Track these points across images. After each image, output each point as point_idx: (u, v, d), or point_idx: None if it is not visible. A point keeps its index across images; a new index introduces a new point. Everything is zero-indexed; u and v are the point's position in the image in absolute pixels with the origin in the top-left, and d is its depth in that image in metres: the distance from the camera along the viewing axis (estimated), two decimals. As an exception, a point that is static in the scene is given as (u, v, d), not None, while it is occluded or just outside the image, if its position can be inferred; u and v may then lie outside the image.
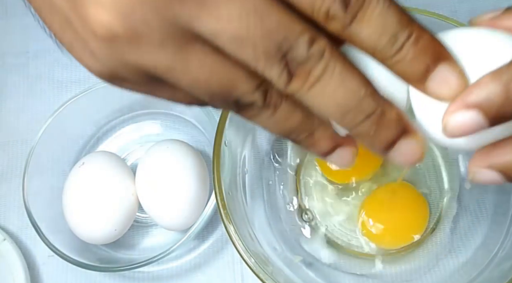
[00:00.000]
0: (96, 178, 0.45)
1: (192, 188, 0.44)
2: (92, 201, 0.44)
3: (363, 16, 0.20)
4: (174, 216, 0.44)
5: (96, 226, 0.44)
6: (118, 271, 0.45)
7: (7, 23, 0.56)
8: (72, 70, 0.54)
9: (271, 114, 0.22)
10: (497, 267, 0.38)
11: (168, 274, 0.46)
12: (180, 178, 0.44)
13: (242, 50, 0.20)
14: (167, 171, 0.44)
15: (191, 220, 0.44)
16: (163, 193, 0.44)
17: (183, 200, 0.44)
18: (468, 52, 0.22)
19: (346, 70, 0.21)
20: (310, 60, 0.20)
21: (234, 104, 0.22)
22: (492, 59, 0.22)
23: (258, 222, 0.41)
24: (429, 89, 0.22)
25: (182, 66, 0.21)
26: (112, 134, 0.51)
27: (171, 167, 0.44)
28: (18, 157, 0.51)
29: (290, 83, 0.21)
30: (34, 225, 0.44)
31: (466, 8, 0.52)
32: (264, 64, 0.20)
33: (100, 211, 0.44)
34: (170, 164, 0.45)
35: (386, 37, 0.21)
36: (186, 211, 0.44)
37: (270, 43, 0.20)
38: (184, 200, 0.44)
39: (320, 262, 0.44)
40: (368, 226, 0.44)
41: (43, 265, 0.47)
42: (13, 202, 0.49)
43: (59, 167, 0.49)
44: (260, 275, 0.36)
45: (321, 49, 0.20)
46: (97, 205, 0.44)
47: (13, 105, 0.53)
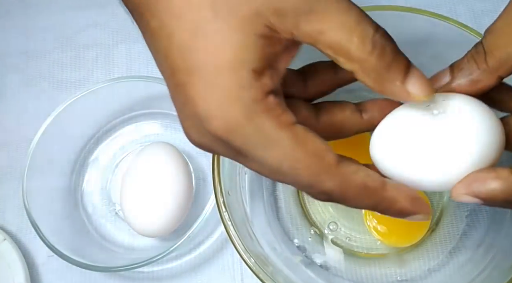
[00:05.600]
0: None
1: (170, 195, 0.44)
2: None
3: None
4: (147, 222, 0.44)
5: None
6: (118, 271, 0.45)
7: (7, 23, 0.56)
8: (72, 70, 0.54)
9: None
10: (497, 267, 0.38)
11: (168, 274, 0.46)
12: (156, 185, 0.44)
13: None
14: (144, 177, 0.45)
15: (167, 227, 0.44)
16: (139, 198, 0.44)
17: (158, 206, 0.44)
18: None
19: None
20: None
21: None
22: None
23: (258, 222, 0.41)
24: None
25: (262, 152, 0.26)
26: (112, 134, 0.51)
27: (150, 173, 0.45)
28: (18, 157, 0.51)
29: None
30: (34, 225, 0.44)
31: (466, 8, 0.52)
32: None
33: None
34: (150, 170, 0.45)
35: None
36: (161, 218, 0.44)
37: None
38: (160, 206, 0.44)
39: (320, 262, 0.44)
40: (373, 226, 0.44)
41: (43, 265, 0.47)
42: (13, 202, 0.49)
43: (59, 167, 0.49)
44: (260, 275, 0.36)
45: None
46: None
47: (13, 105, 0.53)
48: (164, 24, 0.25)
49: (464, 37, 0.38)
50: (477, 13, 0.52)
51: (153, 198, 0.44)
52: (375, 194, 0.26)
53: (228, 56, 0.24)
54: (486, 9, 0.52)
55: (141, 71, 0.53)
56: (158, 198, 0.44)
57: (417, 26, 0.40)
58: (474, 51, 0.28)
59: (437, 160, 0.27)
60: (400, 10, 0.39)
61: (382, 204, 0.27)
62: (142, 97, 0.50)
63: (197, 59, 0.24)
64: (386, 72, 0.26)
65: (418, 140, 0.27)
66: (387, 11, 0.39)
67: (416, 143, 0.27)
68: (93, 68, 0.54)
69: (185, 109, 0.26)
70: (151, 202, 0.44)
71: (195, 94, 0.25)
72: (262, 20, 0.24)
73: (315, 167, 0.25)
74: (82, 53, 0.54)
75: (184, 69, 0.25)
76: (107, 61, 0.54)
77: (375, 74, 0.26)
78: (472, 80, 0.27)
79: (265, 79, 0.25)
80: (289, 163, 0.25)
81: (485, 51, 0.27)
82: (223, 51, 0.24)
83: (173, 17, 0.25)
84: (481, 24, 0.51)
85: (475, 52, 0.27)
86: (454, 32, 0.38)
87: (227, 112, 0.24)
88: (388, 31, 0.27)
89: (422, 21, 0.39)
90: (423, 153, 0.27)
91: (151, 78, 0.47)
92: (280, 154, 0.25)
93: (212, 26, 0.24)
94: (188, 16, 0.24)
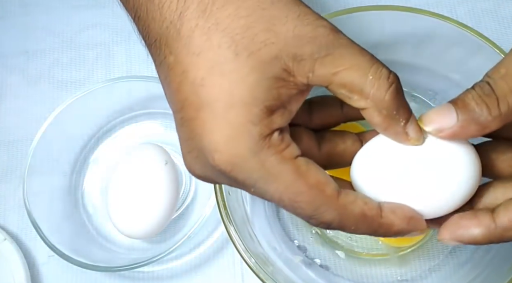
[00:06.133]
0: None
1: (150, 197, 0.44)
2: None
3: None
4: (130, 224, 0.44)
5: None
6: (118, 271, 0.45)
7: (7, 23, 0.56)
8: (72, 70, 0.54)
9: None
10: (496, 267, 0.38)
11: (168, 274, 0.46)
12: (136, 188, 0.44)
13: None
14: (129, 178, 0.45)
15: (150, 229, 0.44)
16: (122, 201, 0.44)
17: (140, 209, 0.44)
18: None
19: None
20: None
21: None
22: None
23: (258, 222, 0.41)
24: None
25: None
26: (112, 134, 0.51)
27: (135, 175, 0.45)
28: (18, 157, 0.51)
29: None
30: (34, 225, 0.44)
31: (466, 8, 0.52)
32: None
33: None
34: (135, 172, 0.45)
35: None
36: (143, 220, 0.44)
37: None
38: (141, 209, 0.44)
39: (320, 262, 0.44)
40: None
41: (43, 265, 0.47)
42: (13, 202, 0.49)
43: (59, 167, 0.49)
44: (260, 275, 0.36)
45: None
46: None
47: (13, 105, 0.53)
48: (181, 60, 0.26)
49: (464, 37, 0.38)
50: (477, 13, 0.52)
51: (134, 200, 0.44)
52: (373, 222, 0.27)
53: (242, 93, 0.25)
54: (486, 9, 0.52)
55: (141, 71, 0.53)
56: (138, 200, 0.44)
57: (417, 26, 0.40)
58: (482, 93, 0.27)
59: (414, 190, 0.28)
60: (400, 10, 0.39)
61: (380, 229, 0.27)
62: (142, 97, 0.50)
63: (210, 94, 0.25)
64: (396, 113, 0.27)
65: (397, 168, 0.28)
66: (387, 11, 0.39)
67: (395, 171, 0.28)
68: (93, 68, 0.54)
69: (189, 143, 0.27)
70: (133, 204, 0.44)
71: (202, 129, 0.25)
72: (280, 64, 0.25)
73: (315, 200, 0.26)
74: (82, 53, 0.54)
75: (195, 104, 0.25)
76: (107, 61, 0.54)
77: (387, 112, 0.27)
78: (480, 125, 0.26)
79: (276, 117, 0.26)
80: (290, 196, 0.26)
81: (497, 97, 0.26)
82: (238, 89, 0.25)
83: (192, 55, 0.25)
84: (481, 24, 0.51)
85: (484, 95, 0.26)
86: (454, 32, 0.38)
87: (233, 147, 0.25)
88: (388, 31, 0.27)
89: (422, 21, 0.39)
90: (402, 182, 0.28)
91: (151, 78, 0.47)
92: (281, 187, 0.25)
93: (230, 65, 0.25)
94: (207, 54, 0.25)
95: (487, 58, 0.38)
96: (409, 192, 0.28)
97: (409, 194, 0.28)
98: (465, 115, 0.26)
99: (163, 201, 0.44)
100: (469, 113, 0.26)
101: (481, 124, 0.26)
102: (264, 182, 0.25)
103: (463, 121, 0.26)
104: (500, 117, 0.26)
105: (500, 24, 0.51)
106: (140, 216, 0.44)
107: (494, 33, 0.50)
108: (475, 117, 0.26)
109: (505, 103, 0.26)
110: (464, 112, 0.26)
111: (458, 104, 0.27)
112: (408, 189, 0.28)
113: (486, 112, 0.26)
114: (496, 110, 0.26)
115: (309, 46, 0.25)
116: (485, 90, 0.26)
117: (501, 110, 0.26)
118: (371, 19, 0.39)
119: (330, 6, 0.52)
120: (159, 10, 0.26)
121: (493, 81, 0.27)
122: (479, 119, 0.26)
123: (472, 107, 0.26)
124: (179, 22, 0.26)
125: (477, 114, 0.26)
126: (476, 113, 0.26)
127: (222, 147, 0.25)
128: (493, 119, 0.26)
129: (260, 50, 0.25)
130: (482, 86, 0.27)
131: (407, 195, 0.28)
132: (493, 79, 0.27)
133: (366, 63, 0.26)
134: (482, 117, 0.26)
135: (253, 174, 0.25)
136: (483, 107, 0.26)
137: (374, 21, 0.40)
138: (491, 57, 0.38)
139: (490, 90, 0.26)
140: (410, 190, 0.28)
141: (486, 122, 0.26)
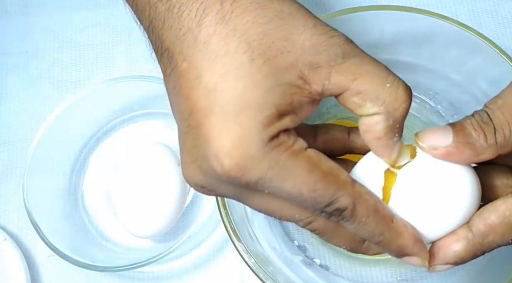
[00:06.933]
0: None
1: (159, 197, 0.44)
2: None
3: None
4: (140, 224, 0.44)
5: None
6: (118, 271, 0.45)
7: (7, 23, 0.56)
8: (72, 70, 0.54)
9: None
10: (497, 267, 0.38)
11: (168, 274, 0.46)
12: (146, 187, 0.45)
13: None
14: (135, 179, 0.45)
15: (158, 228, 0.44)
16: (131, 200, 0.45)
17: (148, 208, 0.44)
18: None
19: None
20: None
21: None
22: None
23: (258, 222, 0.41)
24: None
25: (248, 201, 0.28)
26: (112, 134, 0.51)
27: (143, 175, 0.45)
28: (18, 157, 0.51)
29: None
30: (34, 225, 0.44)
31: (466, 8, 0.52)
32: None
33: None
34: (143, 171, 0.45)
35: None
36: (152, 219, 0.44)
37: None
38: (150, 208, 0.44)
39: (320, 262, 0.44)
40: None
41: (43, 265, 0.47)
42: (13, 202, 0.49)
43: (59, 167, 0.49)
44: (260, 275, 0.36)
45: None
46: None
47: (13, 105, 0.53)
48: (195, 65, 0.26)
49: (464, 37, 0.38)
50: (477, 13, 0.52)
51: (143, 199, 0.44)
52: (384, 221, 0.27)
53: (255, 97, 0.25)
54: (486, 9, 0.52)
55: (141, 71, 0.53)
56: (147, 200, 0.44)
57: (417, 26, 0.40)
58: (480, 121, 0.28)
59: (415, 210, 0.28)
60: (400, 10, 0.39)
61: (387, 233, 0.27)
62: (142, 97, 0.50)
63: (222, 98, 0.25)
64: (399, 126, 0.27)
65: (398, 189, 0.28)
66: (387, 11, 0.39)
67: (396, 192, 0.28)
68: (93, 68, 0.54)
69: (194, 152, 0.26)
70: (142, 203, 0.44)
71: (210, 135, 0.25)
72: (296, 71, 0.26)
73: (331, 185, 0.26)
74: (82, 53, 0.54)
75: (204, 109, 0.25)
76: (107, 61, 0.54)
77: (393, 123, 0.27)
78: (475, 150, 0.27)
79: (286, 121, 0.26)
80: (309, 186, 0.25)
81: (495, 126, 0.27)
82: (251, 93, 0.25)
83: (208, 60, 0.25)
84: (481, 24, 0.51)
85: (482, 122, 0.27)
86: (454, 32, 0.38)
87: (243, 150, 0.25)
88: (388, 31, 0.27)
89: (422, 21, 0.39)
90: (402, 202, 0.28)
91: (151, 78, 0.47)
92: (299, 180, 0.25)
93: (245, 71, 0.25)
94: (223, 59, 0.25)
95: (487, 58, 0.38)
96: (409, 212, 0.28)
97: (410, 214, 0.28)
98: (460, 138, 0.27)
99: (175, 200, 0.44)
100: (465, 136, 0.27)
101: (476, 150, 0.27)
102: (280, 180, 0.25)
103: (458, 143, 0.27)
104: (496, 146, 0.27)
105: (500, 24, 0.51)
106: (152, 215, 0.44)
107: (494, 33, 0.50)
108: (471, 141, 0.27)
109: (501, 134, 0.27)
110: (461, 135, 0.27)
111: (456, 127, 0.28)
112: (408, 208, 0.28)
113: (483, 139, 0.27)
114: (493, 138, 0.27)
115: (326, 54, 0.26)
116: (484, 118, 0.27)
117: (497, 140, 0.27)
118: (371, 19, 0.39)
119: (330, 6, 0.52)
120: (178, 18, 0.26)
121: (491, 111, 0.27)
122: (474, 144, 0.27)
123: (469, 132, 0.27)
124: (197, 29, 0.26)
125: (473, 139, 0.27)
126: (472, 138, 0.27)
127: (232, 151, 0.25)
128: (489, 147, 0.27)
129: (276, 57, 0.25)
130: (481, 114, 0.28)
131: (408, 214, 0.28)
132: (491, 109, 0.28)
133: (383, 73, 0.27)
134: (478, 143, 0.27)
135: (267, 173, 0.25)
136: (480, 134, 0.27)
137: (374, 21, 0.40)
138: (491, 57, 0.38)
139: (488, 119, 0.27)
140: (410, 209, 0.28)
141: (481, 148, 0.27)
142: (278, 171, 0.25)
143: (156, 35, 0.27)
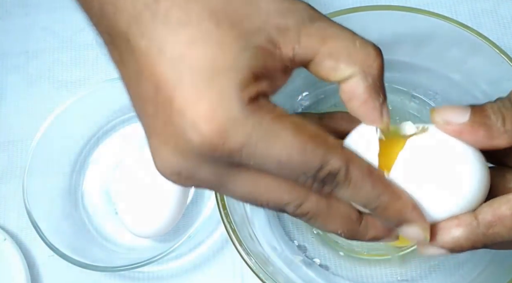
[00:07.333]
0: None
1: (162, 196, 0.44)
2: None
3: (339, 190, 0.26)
4: (141, 223, 0.45)
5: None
6: (118, 271, 0.45)
7: (7, 23, 0.56)
8: (72, 70, 0.54)
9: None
10: (497, 267, 0.38)
11: (168, 274, 0.46)
12: (149, 186, 0.45)
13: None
14: (139, 178, 0.45)
15: (160, 228, 0.44)
16: (133, 200, 0.45)
17: (151, 207, 0.44)
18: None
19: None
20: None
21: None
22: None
23: (258, 222, 0.41)
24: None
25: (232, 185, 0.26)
26: (112, 134, 0.51)
27: (144, 175, 0.45)
28: (18, 157, 0.51)
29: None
30: (34, 225, 0.44)
31: (466, 8, 0.52)
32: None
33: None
34: (143, 171, 0.45)
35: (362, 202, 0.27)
36: (154, 219, 0.44)
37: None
38: (152, 207, 0.44)
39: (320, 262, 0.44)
40: None
41: (43, 265, 0.47)
42: (13, 202, 0.49)
43: (59, 167, 0.49)
44: (260, 275, 0.36)
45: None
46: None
47: (13, 105, 0.53)
48: (156, 39, 0.24)
49: (464, 37, 0.38)
50: (477, 13, 0.52)
51: (143, 199, 0.44)
52: (379, 181, 0.26)
53: (227, 61, 0.24)
54: (486, 9, 0.52)
55: (141, 71, 0.53)
56: (148, 199, 0.44)
57: (417, 26, 0.40)
58: (502, 106, 0.27)
59: (419, 186, 0.27)
60: (399, 10, 0.39)
61: (385, 195, 0.26)
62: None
63: (191, 66, 0.24)
64: (379, 84, 0.27)
65: (404, 164, 0.28)
66: (388, 11, 0.39)
67: (402, 167, 0.28)
68: (93, 68, 0.54)
69: (165, 131, 0.25)
70: (142, 203, 0.44)
71: (183, 105, 0.23)
72: (264, 34, 0.25)
73: (322, 146, 0.25)
74: (82, 53, 0.54)
75: (173, 80, 0.24)
76: (107, 61, 0.54)
77: (372, 80, 0.26)
78: (489, 132, 0.27)
79: (263, 84, 0.25)
80: (297, 149, 0.24)
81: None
82: (223, 56, 0.24)
83: (170, 31, 0.24)
84: (481, 24, 0.51)
85: (503, 107, 0.27)
86: (454, 32, 0.38)
87: (222, 112, 0.23)
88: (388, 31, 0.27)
89: (422, 21, 0.39)
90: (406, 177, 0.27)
91: (151, 78, 0.47)
92: (287, 143, 0.24)
93: (212, 36, 0.24)
94: (187, 28, 0.24)
95: (487, 58, 0.38)
96: (411, 185, 0.27)
97: (411, 187, 0.27)
98: (477, 118, 0.27)
99: (175, 200, 0.44)
100: (482, 117, 0.27)
101: (491, 132, 0.27)
102: (266, 144, 0.24)
103: (474, 122, 0.27)
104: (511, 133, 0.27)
105: (500, 24, 0.51)
106: (152, 215, 0.44)
107: (494, 33, 0.50)
108: (488, 123, 0.27)
109: None
110: (478, 115, 0.27)
111: (476, 108, 0.27)
112: (410, 181, 0.27)
113: (501, 123, 0.27)
114: (510, 124, 0.27)
115: (292, 17, 0.26)
116: (505, 104, 0.27)
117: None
118: (371, 19, 0.39)
119: (330, 6, 0.52)
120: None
121: None
122: (491, 127, 0.27)
123: (488, 114, 0.27)
124: (155, 4, 0.24)
125: (491, 122, 0.27)
126: (490, 121, 0.27)
127: (211, 115, 0.23)
128: (505, 132, 0.27)
129: (243, 21, 0.25)
130: (504, 101, 0.27)
131: (409, 188, 0.27)
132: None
133: (350, 34, 0.27)
134: (494, 126, 0.27)
135: (252, 136, 0.23)
136: (499, 117, 0.27)
137: (374, 21, 0.40)
138: (491, 57, 0.38)
139: (510, 105, 0.27)
140: (413, 185, 0.27)
141: (497, 132, 0.27)
142: (263, 134, 0.24)
143: (107, 22, 0.26)
